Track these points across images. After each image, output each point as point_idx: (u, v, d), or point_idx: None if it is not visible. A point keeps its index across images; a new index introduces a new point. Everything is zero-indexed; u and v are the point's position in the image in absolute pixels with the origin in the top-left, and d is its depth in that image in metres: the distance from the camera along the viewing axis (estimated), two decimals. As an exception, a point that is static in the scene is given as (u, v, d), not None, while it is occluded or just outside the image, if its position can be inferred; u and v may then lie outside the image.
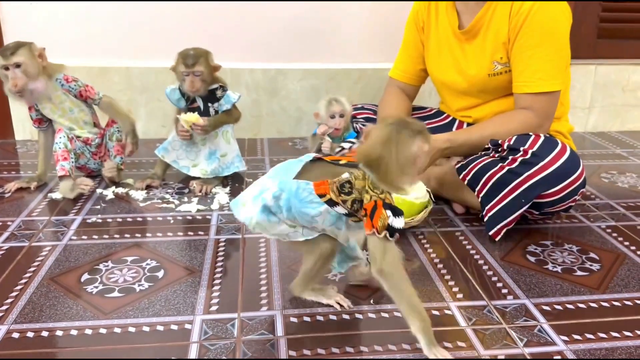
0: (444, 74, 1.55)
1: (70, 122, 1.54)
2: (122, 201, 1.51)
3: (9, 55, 1.40)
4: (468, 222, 1.41)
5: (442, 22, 1.53)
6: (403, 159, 0.87)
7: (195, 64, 1.50)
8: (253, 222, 0.94)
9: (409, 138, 0.87)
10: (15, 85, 1.41)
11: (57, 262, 1.17)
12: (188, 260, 1.19)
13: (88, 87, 1.55)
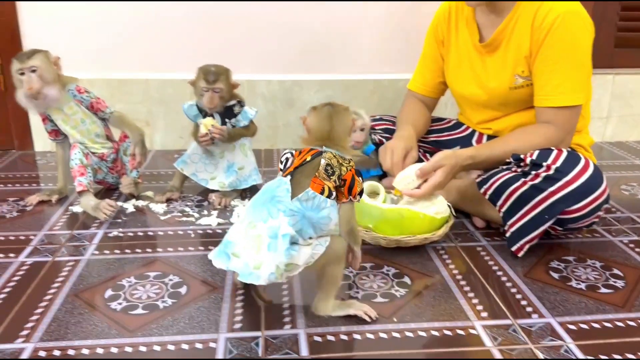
0: (464, 87, 1.55)
1: (82, 135, 1.55)
2: (143, 214, 1.52)
3: (25, 59, 1.42)
4: (489, 237, 1.40)
5: (463, 35, 1.53)
6: (345, 127, 1.06)
7: (216, 80, 1.51)
8: (282, 267, 0.95)
9: (344, 111, 1.07)
10: (30, 89, 1.42)
11: (81, 278, 1.18)
12: (210, 276, 1.19)
13: (99, 100, 1.56)
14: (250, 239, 0.98)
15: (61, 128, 1.55)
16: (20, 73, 1.43)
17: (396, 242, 1.27)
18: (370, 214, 1.29)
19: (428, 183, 1.31)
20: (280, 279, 0.96)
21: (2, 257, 1.27)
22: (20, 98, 1.46)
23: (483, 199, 1.37)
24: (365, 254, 1.29)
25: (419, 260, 1.27)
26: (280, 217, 0.96)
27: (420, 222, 1.27)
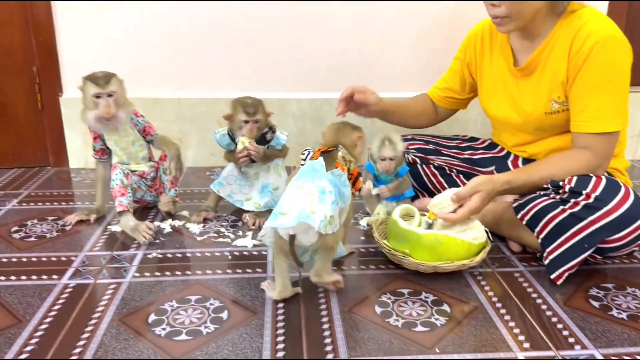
0: (498, 110, 1.55)
1: (129, 157, 1.59)
2: (180, 235, 1.54)
3: (104, 85, 1.46)
4: (526, 262, 1.40)
5: (497, 58, 1.53)
6: (349, 141, 1.31)
7: (256, 112, 1.54)
8: (328, 217, 1.11)
9: (350, 129, 1.33)
10: (108, 112, 1.46)
11: (124, 302, 1.20)
12: (250, 300, 1.21)
13: (150, 124, 1.62)
14: (302, 195, 1.13)
15: (111, 148, 1.59)
16: (97, 97, 1.46)
17: (433, 268, 1.28)
18: (406, 239, 1.30)
19: (464, 208, 1.31)
20: (324, 230, 1.09)
21: (46, 278, 1.29)
22: (89, 118, 1.50)
23: (519, 223, 1.37)
24: (402, 278, 1.30)
25: (456, 287, 1.27)
26: (324, 181, 1.15)
27: (458, 248, 1.27)
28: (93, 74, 1.49)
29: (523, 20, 1.36)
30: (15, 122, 2.05)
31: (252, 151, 1.56)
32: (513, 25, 1.37)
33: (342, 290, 1.24)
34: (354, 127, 1.35)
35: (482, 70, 1.58)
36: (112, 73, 1.51)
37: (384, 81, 2.15)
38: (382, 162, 1.51)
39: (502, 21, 1.37)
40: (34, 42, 1.97)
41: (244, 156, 1.57)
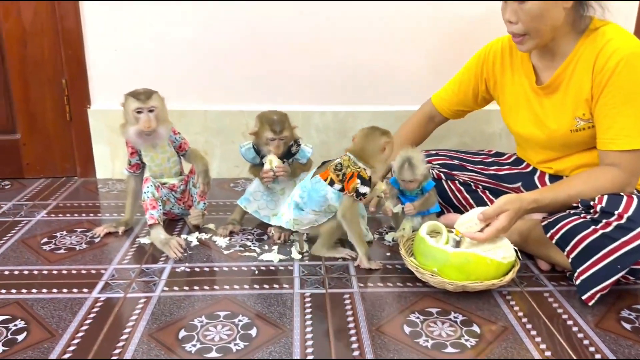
0: (523, 128, 1.54)
1: (164, 172, 1.62)
2: (207, 248, 1.56)
3: (146, 100, 1.49)
4: (555, 281, 1.38)
5: (518, 76, 1.52)
6: (375, 145, 1.44)
7: (282, 130, 1.55)
8: (291, 220, 1.50)
9: (378, 134, 1.44)
10: (149, 127, 1.48)
11: (154, 317, 1.21)
12: (277, 317, 1.21)
13: (185, 140, 1.64)
14: (286, 203, 1.55)
15: (147, 164, 1.61)
16: (138, 112, 1.49)
17: (463, 287, 1.27)
18: (434, 258, 1.29)
19: (491, 227, 1.30)
20: (293, 227, 1.52)
21: (76, 292, 1.31)
22: (130, 133, 1.52)
23: (548, 242, 1.36)
24: (430, 297, 1.30)
25: (485, 306, 1.26)
26: (298, 189, 1.50)
27: (487, 267, 1.26)
28: (135, 90, 1.52)
29: (542, 38, 1.35)
30: (44, 132, 2.09)
31: (280, 173, 1.57)
32: (532, 43, 1.37)
33: (368, 307, 1.24)
34: (383, 132, 1.44)
35: (503, 87, 1.57)
36: (154, 90, 1.53)
37: (407, 93, 2.15)
38: (402, 182, 1.51)
39: (522, 39, 1.36)
40: (64, 54, 2.00)
41: (268, 177, 1.58)
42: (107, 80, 2.07)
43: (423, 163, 1.51)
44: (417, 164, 1.50)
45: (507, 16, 1.36)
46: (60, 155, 2.12)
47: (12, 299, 1.27)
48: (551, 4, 1.30)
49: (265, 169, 1.57)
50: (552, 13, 1.32)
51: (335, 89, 2.14)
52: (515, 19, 1.34)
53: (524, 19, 1.32)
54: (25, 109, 2.05)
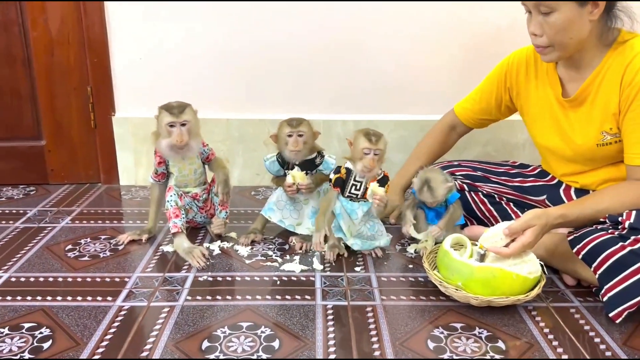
0: (547, 140, 1.52)
1: (189, 182, 1.63)
2: (229, 257, 1.56)
3: (178, 114, 1.50)
4: (581, 297, 1.36)
5: (543, 87, 1.50)
6: (355, 151, 1.49)
7: (300, 124, 1.55)
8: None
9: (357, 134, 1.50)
10: (181, 141, 1.49)
11: (177, 326, 1.21)
12: (300, 330, 1.21)
13: (213, 151, 1.66)
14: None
15: (174, 174, 1.61)
16: (171, 125, 1.50)
17: (488, 303, 1.26)
18: (459, 272, 1.28)
19: (517, 243, 1.28)
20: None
21: (100, 300, 1.32)
22: (162, 146, 1.53)
23: (574, 257, 1.34)
24: (454, 311, 1.28)
25: (510, 322, 1.24)
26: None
27: (513, 283, 1.25)
28: (168, 103, 1.52)
29: (566, 50, 1.34)
30: (69, 139, 2.12)
31: (303, 188, 1.58)
32: (556, 55, 1.35)
33: (391, 320, 1.23)
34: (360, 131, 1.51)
35: (527, 97, 1.56)
36: (187, 103, 1.54)
37: (430, 102, 2.14)
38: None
39: (544, 50, 1.35)
40: (89, 62, 2.03)
41: (292, 191, 1.59)
42: (132, 88, 2.09)
43: (443, 183, 1.51)
44: (436, 186, 1.50)
45: (531, 29, 1.34)
46: (84, 161, 2.15)
47: (37, 306, 1.29)
48: (577, 17, 1.29)
49: (287, 182, 1.58)
50: (578, 26, 1.30)
51: (358, 98, 2.13)
52: (540, 32, 1.32)
53: (549, 32, 1.31)
54: (50, 116, 2.08)
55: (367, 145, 1.46)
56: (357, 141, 1.49)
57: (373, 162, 1.47)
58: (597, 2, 1.28)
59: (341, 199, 1.55)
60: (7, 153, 2.11)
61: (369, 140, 1.46)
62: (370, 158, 1.47)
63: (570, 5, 1.27)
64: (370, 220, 1.57)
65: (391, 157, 2.15)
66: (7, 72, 2.02)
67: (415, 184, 1.53)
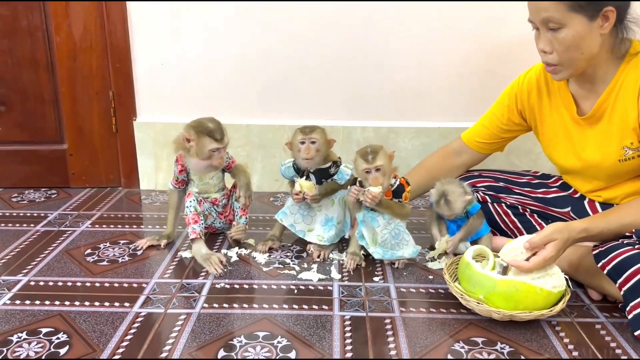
0: (564, 160, 1.49)
1: (209, 189, 1.63)
2: (246, 264, 1.55)
3: (221, 139, 1.51)
4: (607, 312, 1.32)
5: (556, 107, 1.47)
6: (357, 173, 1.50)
7: (313, 131, 1.54)
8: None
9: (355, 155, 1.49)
10: (220, 164, 1.54)
11: (193, 334, 1.21)
12: (317, 341, 1.19)
13: (233, 158, 1.66)
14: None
15: (195, 182, 1.61)
16: (213, 151, 1.50)
17: (510, 317, 1.22)
18: (481, 285, 1.25)
19: (538, 257, 1.24)
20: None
21: (118, 305, 1.32)
22: (192, 162, 1.55)
23: (599, 271, 1.30)
24: (475, 325, 1.25)
25: (533, 337, 1.21)
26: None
27: (537, 297, 1.21)
28: (206, 125, 1.50)
29: (578, 67, 1.30)
30: (90, 144, 2.13)
31: (308, 198, 1.56)
32: (567, 73, 1.32)
33: (410, 333, 1.21)
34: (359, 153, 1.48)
35: (542, 119, 1.52)
36: (217, 120, 1.53)
37: (451, 109, 2.11)
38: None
39: (554, 69, 1.32)
40: (111, 68, 2.04)
41: (298, 199, 1.58)
42: (153, 93, 2.10)
43: (461, 196, 1.49)
44: (453, 199, 1.48)
45: (540, 46, 1.31)
46: (105, 166, 2.16)
47: (55, 311, 1.29)
48: (587, 32, 1.25)
49: (295, 189, 1.57)
50: (589, 41, 1.26)
51: (378, 105, 2.11)
52: (550, 49, 1.29)
53: (559, 48, 1.27)
54: (73, 120, 2.10)
55: (365, 166, 1.45)
56: (356, 163, 1.48)
57: (376, 179, 1.45)
58: (607, 15, 1.24)
59: (363, 208, 1.53)
60: (30, 156, 2.14)
61: (366, 160, 1.44)
62: (372, 177, 1.45)
63: (580, 19, 1.23)
64: (395, 227, 1.53)
65: (412, 164, 2.11)
66: (32, 77, 2.05)
67: (432, 196, 1.50)
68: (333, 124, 2.08)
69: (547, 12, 1.25)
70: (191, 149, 1.51)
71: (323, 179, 1.60)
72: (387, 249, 1.53)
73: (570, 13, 1.23)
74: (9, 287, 1.40)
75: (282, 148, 2.07)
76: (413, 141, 2.13)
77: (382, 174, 1.45)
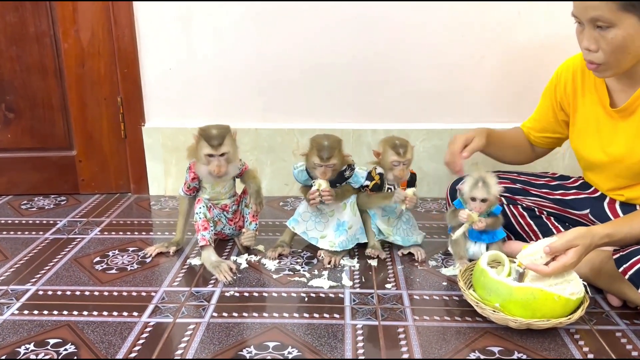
0: (592, 153, 1.44)
1: (220, 196, 1.61)
2: (256, 271, 1.53)
3: (217, 146, 1.46)
4: (628, 319, 1.28)
5: (590, 98, 1.43)
6: (384, 162, 1.55)
7: (331, 157, 1.50)
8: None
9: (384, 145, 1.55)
10: (219, 172, 1.48)
11: (202, 344, 1.18)
12: (329, 351, 1.16)
13: (246, 165, 1.63)
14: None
15: (207, 189, 1.59)
16: (210, 156, 1.47)
17: (527, 325, 1.19)
18: (497, 292, 1.22)
19: (558, 263, 1.20)
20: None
21: (126, 315, 1.30)
22: (201, 170, 1.52)
23: (620, 276, 1.25)
24: (491, 334, 1.22)
25: (551, 346, 1.17)
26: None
27: (554, 304, 1.17)
28: (208, 130, 1.47)
29: (621, 68, 1.26)
30: (99, 150, 2.12)
31: (324, 196, 1.53)
32: (611, 72, 1.28)
33: (423, 342, 1.18)
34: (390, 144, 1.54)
35: (575, 109, 1.48)
36: (226, 129, 1.50)
37: (464, 111, 2.08)
38: (473, 202, 1.44)
39: (598, 68, 1.27)
40: (119, 73, 2.03)
41: (314, 199, 1.54)
42: (162, 98, 2.09)
43: (497, 184, 1.46)
44: (491, 183, 1.45)
45: (585, 43, 1.25)
46: (114, 172, 2.15)
47: (63, 321, 1.28)
48: (638, 32, 1.19)
49: (312, 189, 1.54)
50: (639, 42, 1.21)
51: (388, 107, 2.08)
52: (595, 47, 1.24)
53: (606, 48, 1.22)
54: (81, 126, 2.09)
55: (396, 159, 1.52)
56: (386, 154, 1.55)
57: (402, 172, 1.53)
58: None
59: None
60: (39, 163, 2.13)
61: (397, 153, 1.51)
62: (400, 169, 1.53)
63: (632, 20, 1.18)
64: (405, 213, 1.65)
65: (423, 167, 2.10)
66: (40, 84, 2.04)
67: (467, 182, 1.46)
68: (343, 127, 2.06)
69: (596, 10, 1.19)
70: (197, 152, 1.50)
71: (337, 183, 1.57)
72: (403, 236, 1.63)
73: (622, 13, 1.17)
74: (17, 296, 1.39)
75: (292, 152, 2.05)
76: (424, 143, 2.09)
77: (407, 167, 1.54)
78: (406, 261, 1.59)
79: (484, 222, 1.46)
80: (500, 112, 2.07)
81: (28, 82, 2.04)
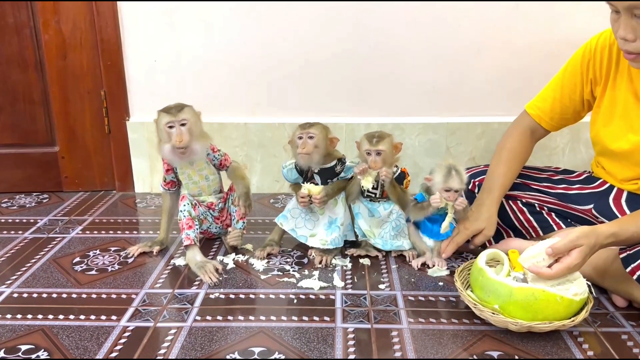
0: (614, 141, 1.35)
1: (201, 190, 1.54)
2: (243, 272, 1.46)
3: (176, 113, 1.40)
4: (633, 320, 1.21)
5: (620, 79, 1.33)
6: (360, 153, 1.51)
7: (311, 127, 1.45)
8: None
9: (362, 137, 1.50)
10: (181, 141, 1.39)
11: (183, 350, 1.11)
12: (318, 356, 1.09)
13: (227, 157, 1.55)
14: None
15: (184, 182, 1.52)
16: (170, 126, 1.41)
17: (529, 328, 1.12)
18: (496, 293, 1.15)
19: (561, 265, 1.13)
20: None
21: (104, 319, 1.23)
22: (165, 150, 1.44)
23: (627, 276, 1.19)
24: (490, 337, 1.15)
25: (553, 350, 1.11)
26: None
27: (557, 306, 1.11)
28: (167, 105, 1.44)
29: None
30: (83, 145, 2.05)
31: (316, 202, 1.47)
32: None
33: (418, 347, 1.11)
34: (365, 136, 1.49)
35: (605, 90, 1.38)
36: (187, 104, 1.45)
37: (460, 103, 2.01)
38: (446, 192, 1.38)
39: (636, 58, 1.19)
40: (102, 66, 1.96)
41: (304, 203, 1.49)
42: (147, 91, 2.01)
43: (465, 173, 1.41)
44: (462, 171, 1.40)
45: (622, 33, 1.16)
46: (98, 168, 2.08)
47: (37, 326, 1.20)
48: None
49: (302, 192, 1.47)
50: None
51: (382, 100, 2.01)
52: (633, 37, 1.15)
53: None
54: (64, 121, 2.01)
55: (367, 147, 1.47)
56: (361, 144, 1.51)
57: (375, 162, 1.46)
58: None
59: (362, 200, 1.55)
60: (20, 160, 2.05)
61: (370, 142, 1.47)
62: (372, 159, 1.46)
63: None
64: (396, 218, 1.54)
65: (419, 162, 2.03)
66: (20, 77, 1.96)
67: (438, 172, 1.39)
68: (336, 121, 1.98)
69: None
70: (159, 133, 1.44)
71: (329, 179, 1.50)
72: (386, 240, 1.53)
73: None
74: (-10, 300, 1.32)
75: (282, 147, 1.97)
76: (420, 137, 2.03)
77: (382, 159, 1.46)
78: (400, 260, 1.52)
79: (464, 200, 1.41)
80: (496, 105, 2.00)
81: (7, 75, 1.96)
